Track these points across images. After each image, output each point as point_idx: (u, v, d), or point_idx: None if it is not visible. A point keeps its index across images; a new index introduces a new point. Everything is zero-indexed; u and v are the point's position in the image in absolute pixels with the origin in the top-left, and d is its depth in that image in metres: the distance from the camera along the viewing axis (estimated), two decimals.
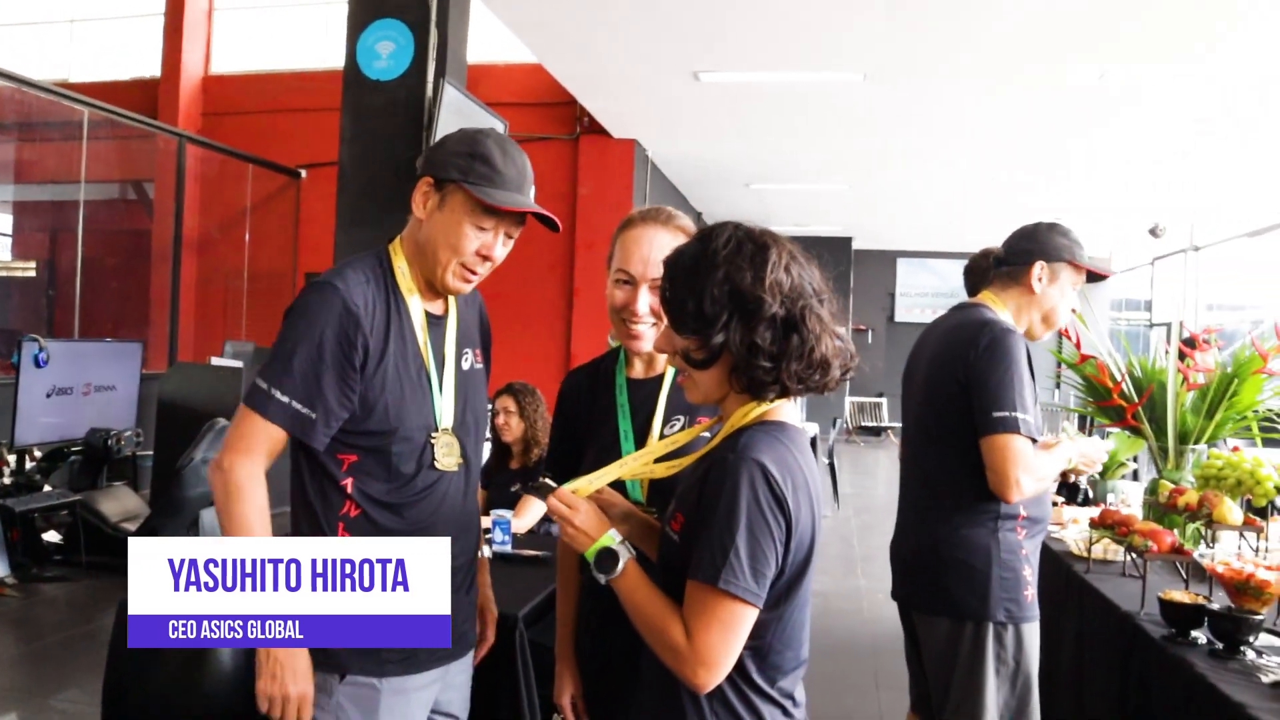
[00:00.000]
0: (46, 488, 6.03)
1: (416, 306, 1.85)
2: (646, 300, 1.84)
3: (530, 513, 3.87)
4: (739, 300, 1.42)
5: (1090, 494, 2.74)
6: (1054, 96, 7.09)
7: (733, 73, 6.98)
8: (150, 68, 10.57)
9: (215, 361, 7.41)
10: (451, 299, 1.94)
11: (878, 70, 6.72)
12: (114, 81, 10.58)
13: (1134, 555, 2.84)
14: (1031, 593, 2.46)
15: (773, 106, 7.84)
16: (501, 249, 1.84)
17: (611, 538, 1.48)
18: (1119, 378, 3.69)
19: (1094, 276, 2.63)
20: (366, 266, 1.83)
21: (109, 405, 6.69)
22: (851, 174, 10.38)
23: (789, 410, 1.51)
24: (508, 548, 3.28)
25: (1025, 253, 2.57)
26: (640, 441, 1.92)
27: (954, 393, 2.44)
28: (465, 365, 1.95)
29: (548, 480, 1.62)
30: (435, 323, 1.89)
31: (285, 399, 1.71)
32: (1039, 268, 2.55)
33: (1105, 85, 6.68)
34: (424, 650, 1.82)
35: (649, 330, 1.92)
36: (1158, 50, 6.02)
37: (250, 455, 1.74)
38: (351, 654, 1.75)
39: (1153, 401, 3.63)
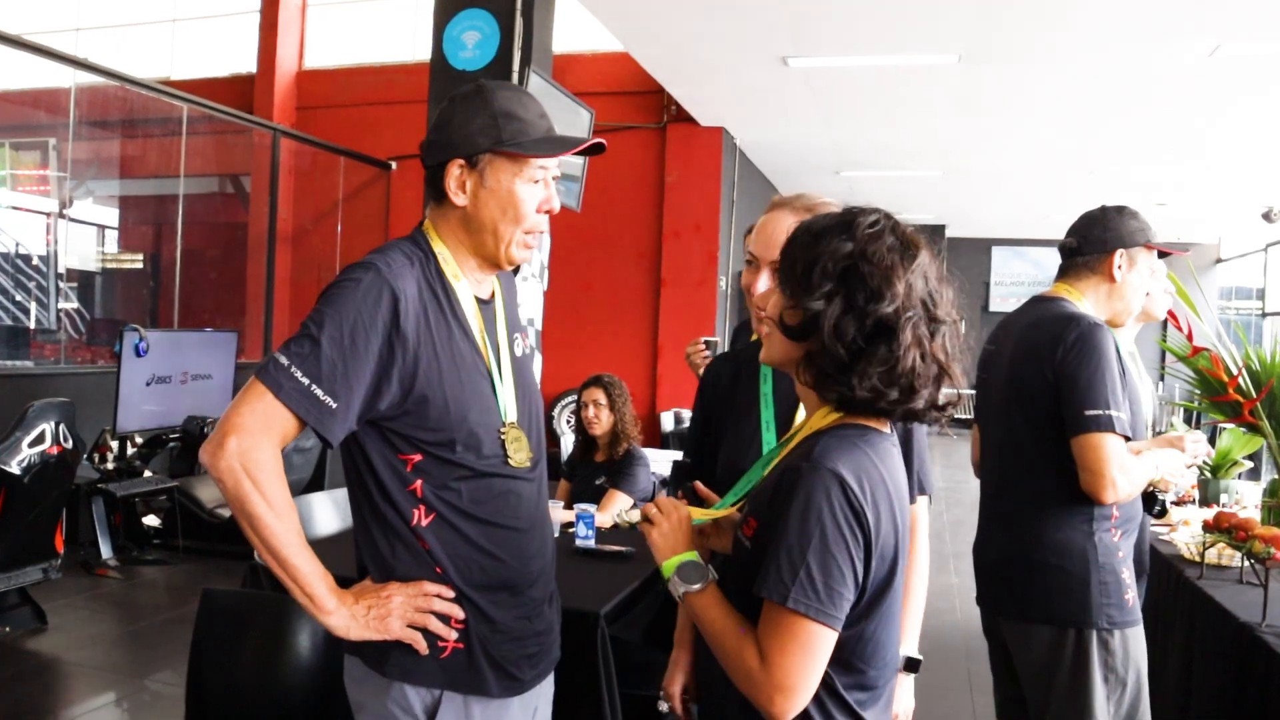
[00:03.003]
0: (147, 473, 6.22)
1: (466, 293, 1.70)
2: (766, 282, 1.76)
3: (615, 507, 3.83)
4: (856, 279, 1.32)
5: (1166, 509, 2.58)
6: (1160, 76, 6.77)
7: (822, 58, 6.82)
8: (246, 64, 10.82)
9: None
10: (495, 283, 1.80)
11: (973, 51, 6.50)
12: (212, 78, 10.87)
13: (1254, 562, 2.66)
14: (1132, 595, 2.32)
15: (863, 91, 7.66)
16: (556, 198, 1.71)
17: (694, 554, 1.42)
18: (1235, 371, 3.48)
19: (1163, 255, 2.57)
20: (406, 250, 1.66)
21: (205, 393, 6.87)
22: (945, 159, 10.10)
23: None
24: (591, 542, 3.24)
25: (1102, 241, 2.46)
26: (783, 431, 1.81)
27: (1042, 391, 2.33)
28: (517, 351, 1.80)
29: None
30: (484, 308, 1.74)
31: (305, 380, 1.50)
32: (1119, 256, 2.45)
33: (1216, 64, 6.34)
34: (521, 671, 1.70)
35: None
36: (1273, 25, 5.68)
37: (267, 435, 1.50)
38: (444, 667, 1.63)
39: (1272, 396, 3.41)
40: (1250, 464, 4.16)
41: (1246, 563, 2.85)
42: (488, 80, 1.71)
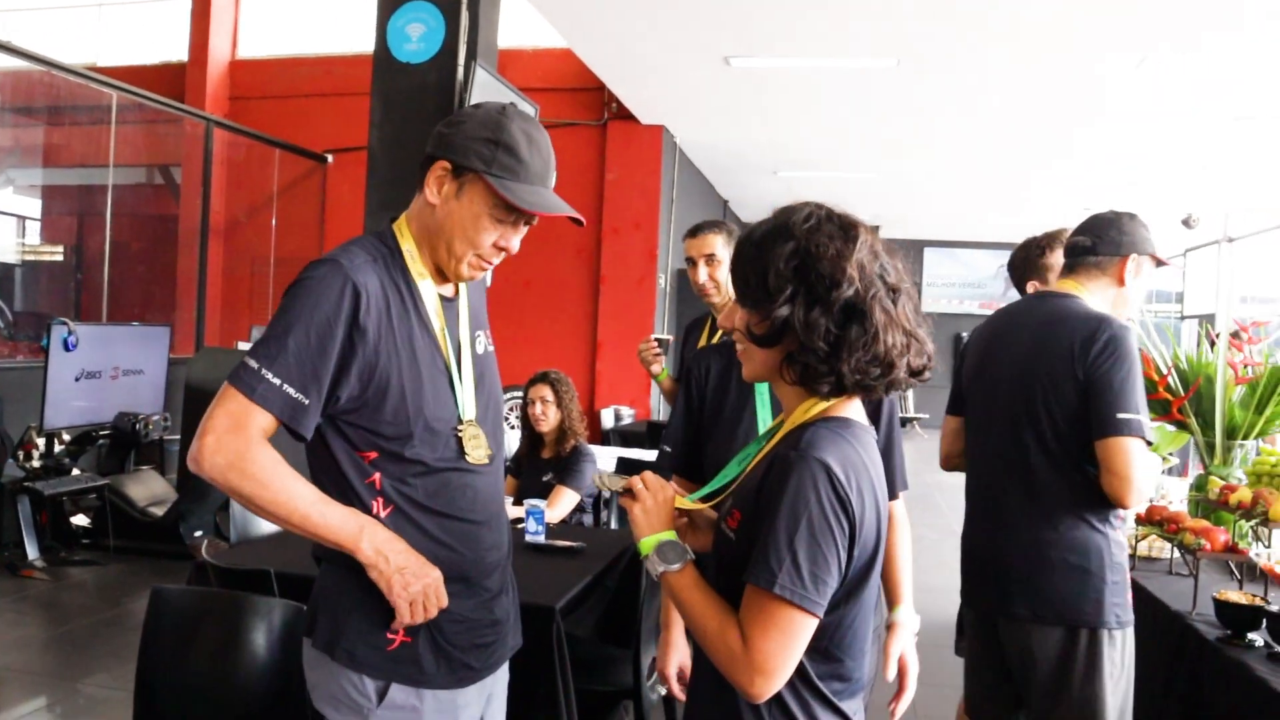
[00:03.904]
0: (75, 471, 6.04)
1: (429, 291, 1.72)
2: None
3: (562, 503, 3.83)
4: (810, 276, 1.34)
5: None
6: (1089, 85, 6.96)
7: (764, 58, 6.89)
8: (177, 52, 10.56)
9: (243, 346, 7.41)
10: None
11: (912, 56, 6.62)
12: (141, 66, 10.57)
13: (1184, 553, 2.76)
14: (1131, 595, 2.34)
15: (804, 92, 7.74)
16: (518, 240, 1.73)
17: (673, 534, 1.44)
18: (1165, 370, 3.60)
19: (1159, 264, 2.60)
20: (371, 247, 1.69)
21: (137, 389, 6.70)
22: (881, 162, 10.25)
23: (854, 407, 1.43)
24: (541, 538, 3.24)
25: (1117, 244, 2.47)
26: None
27: (1072, 390, 2.29)
28: (480, 349, 1.83)
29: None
30: (447, 306, 1.76)
31: (277, 381, 1.55)
32: (1133, 260, 2.47)
33: (1142, 74, 6.55)
34: (475, 660, 1.74)
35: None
36: (1197, 38, 5.89)
37: (243, 432, 1.54)
38: (391, 660, 1.65)
39: (1199, 395, 3.54)
40: (1176, 460, 4.30)
41: (1176, 554, 2.97)
42: (521, 113, 1.71)
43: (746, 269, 1.40)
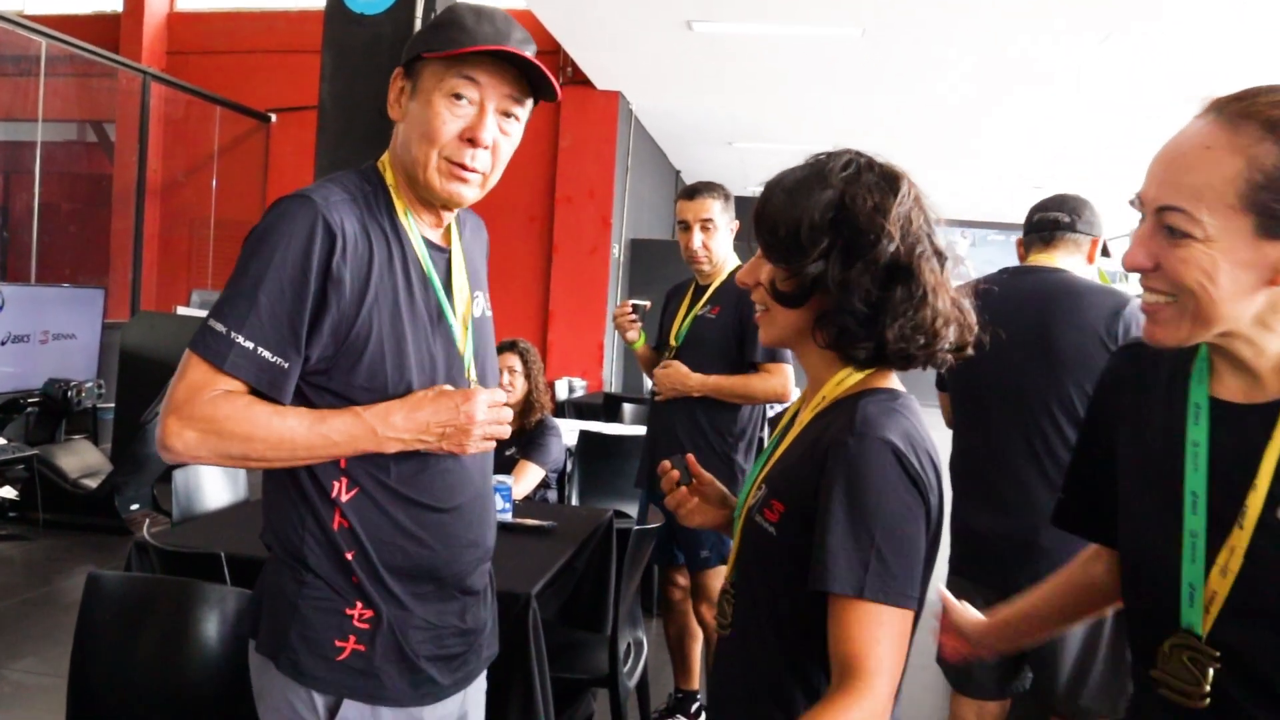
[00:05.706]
0: (1, 441, 5.72)
1: (415, 233, 1.50)
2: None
3: (527, 479, 3.67)
4: (848, 228, 1.20)
5: None
6: (1054, 63, 6.91)
7: (727, 23, 6.71)
8: (111, 2, 10.08)
9: (181, 311, 7.11)
10: (454, 229, 1.59)
11: (877, 26, 6.49)
12: (72, 15, 10.06)
13: None
14: None
15: (765, 61, 7.59)
16: (492, 129, 1.45)
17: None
18: None
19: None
20: (350, 184, 1.47)
21: (68, 355, 6.38)
22: (837, 135, 9.80)
23: (894, 375, 1.28)
24: (508, 517, 3.06)
25: (1092, 224, 2.55)
26: (1220, 513, 1.05)
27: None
28: (477, 312, 1.60)
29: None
30: (436, 254, 1.54)
31: (250, 345, 1.35)
32: (1100, 242, 2.56)
33: (1105, 52, 6.51)
34: (441, 673, 1.54)
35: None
36: (1159, 15, 5.84)
37: (209, 398, 1.36)
38: (342, 671, 1.44)
39: None
40: None
41: None
42: (479, 4, 1.51)
43: (776, 219, 1.25)
